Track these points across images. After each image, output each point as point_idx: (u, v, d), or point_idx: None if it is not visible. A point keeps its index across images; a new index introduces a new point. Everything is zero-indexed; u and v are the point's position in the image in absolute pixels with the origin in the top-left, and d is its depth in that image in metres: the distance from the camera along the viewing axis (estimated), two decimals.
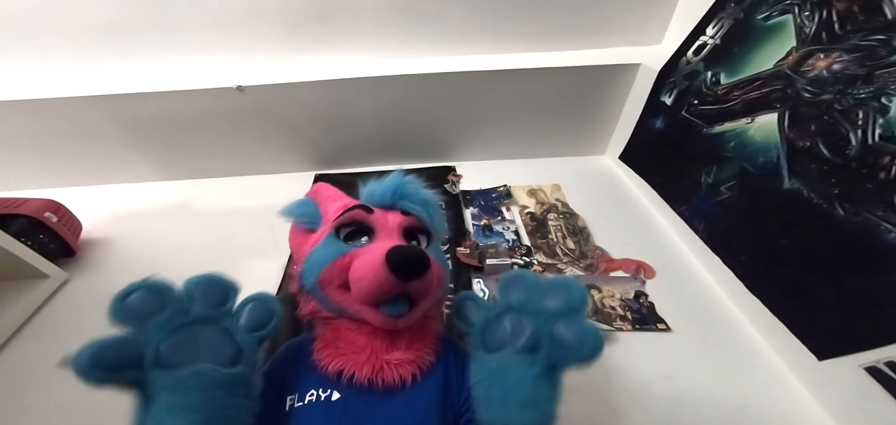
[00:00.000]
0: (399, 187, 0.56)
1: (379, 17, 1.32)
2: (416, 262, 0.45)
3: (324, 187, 0.63)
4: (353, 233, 0.52)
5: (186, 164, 1.55)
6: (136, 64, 1.35)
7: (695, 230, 1.14)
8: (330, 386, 0.46)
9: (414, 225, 0.55)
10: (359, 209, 0.53)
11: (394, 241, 0.49)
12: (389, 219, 0.54)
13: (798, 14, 0.91)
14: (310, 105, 1.40)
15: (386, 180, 0.57)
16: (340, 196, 0.59)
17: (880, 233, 0.71)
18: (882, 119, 0.73)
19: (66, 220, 1.20)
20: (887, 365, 0.70)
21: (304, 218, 0.58)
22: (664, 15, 1.39)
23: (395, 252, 0.44)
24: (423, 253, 0.46)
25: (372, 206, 0.55)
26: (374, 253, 0.45)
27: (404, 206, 0.56)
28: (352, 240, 0.52)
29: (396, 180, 0.57)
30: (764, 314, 0.92)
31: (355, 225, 0.52)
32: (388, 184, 0.56)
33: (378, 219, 0.53)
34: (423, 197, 0.57)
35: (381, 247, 0.46)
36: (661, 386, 0.86)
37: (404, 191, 0.56)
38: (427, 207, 0.57)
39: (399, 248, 0.45)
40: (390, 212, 0.55)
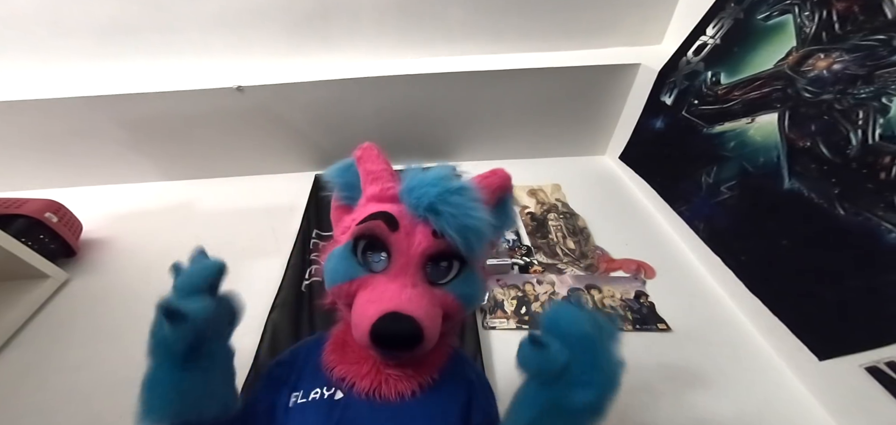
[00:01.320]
0: (437, 199, 0.43)
1: (379, 16, 1.32)
2: (403, 343, 0.40)
3: (369, 153, 0.51)
4: (373, 245, 0.45)
5: (187, 165, 1.55)
6: (136, 64, 1.35)
7: (695, 230, 1.14)
8: (333, 386, 0.45)
9: (444, 251, 0.44)
10: (381, 220, 0.44)
11: (406, 282, 0.42)
12: (415, 240, 0.44)
13: (798, 14, 0.91)
14: (310, 105, 1.40)
15: (426, 179, 0.45)
16: (379, 177, 0.49)
17: (881, 232, 0.71)
18: (882, 119, 0.73)
19: (67, 220, 1.20)
20: (888, 365, 0.70)
21: (343, 190, 0.52)
22: (664, 15, 1.39)
23: (380, 327, 0.38)
24: (412, 330, 0.39)
25: (402, 211, 0.45)
26: (369, 307, 0.40)
27: (439, 226, 0.43)
28: (371, 253, 0.45)
29: (436, 185, 0.44)
30: (764, 314, 0.92)
31: (373, 240, 0.45)
32: (425, 189, 0.44)
33: (400, 241, 0.44)
34: (464, 222, 0.43)
35: (378, 301, 0.40)
36: (661, 386, 0.86)
37: (442, 207, 0.43)
38: (467, 234, 0.43)
39: (386, 322, 0.39)
40: (419, 225, 0.44)
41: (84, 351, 0.96)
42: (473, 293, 0.48)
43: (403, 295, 0.41)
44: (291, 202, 1.41)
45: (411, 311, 0.39)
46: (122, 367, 0.92)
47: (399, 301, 0.40)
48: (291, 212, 1.37)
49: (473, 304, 0.49)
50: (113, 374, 0.90)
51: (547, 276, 1.13)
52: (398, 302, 0.40)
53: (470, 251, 0.44)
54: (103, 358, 0.94)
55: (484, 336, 0.97)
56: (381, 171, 0.49)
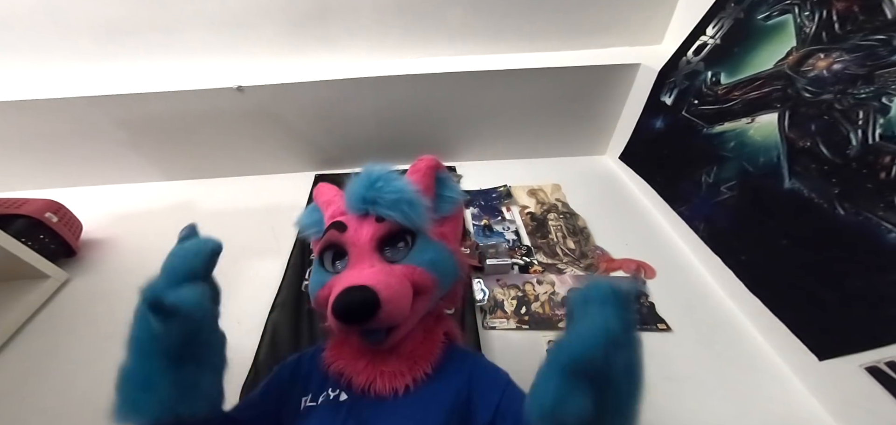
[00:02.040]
0: (366, 192, 0.50)
1: (379, 16, 1.32)
2: (359, 310, 0.42)
3: (322, 190, 0.61)
4: (338, 254, 0.51)
5: (187, 165, 1.55)
6: (136, 64, 1.35)
7: (695, 230, 1.14)
8: (339, 388, 0.49)
9: (390, 231, 0.50)
10: (333, 229, 0.51)
11: (364, 266, 0.47)
12: (362, 233, 0.49)
13: (798, 14, 0.91)
14: (310, 105, 1.40)
15: (356, 181, 0.52)
16: (332, 200, 0.57)
17: (881, 232, 0.71)
18: (882, 119, 0.73)
19: (67, 221, 1.20)
20: (888, 365, 0.70)
21: (313, 227, 0.58)
22: (664, 15, 1.39)
23: (337, 302, 0.42)
24: (365, 297, 0.42)
25: (349, 217, 0.51)
26: (330, 295, 0.45)
27: (377, 212, 0.49)
28: (338, 261, 0.51)
29: (363, 183, 0.50)
30: (764, 314, 0.92)
31: (333, 248, 0.51)
32: (356, 189, 0.51)
33: (350, 237, 0.49)
34: (393, 197, 0.49)
35: (336, 287, 0.44)
36: (661, 387, 0.86)
37: (372, 195, 0.49)
38: (400, 206, 0.49)
39: (340, 297, 0.42)
40: (365, 220, 0.50)
41: (84, 351, 0.96)
42: (436, 258, 0.51)
43: (357, 275, 0.45)
44: (291, 202, 1.41)
45: (363, 281, 0.43)
46: None
47: (352, 280, 0.44)
48: (291, 212, 1.34)
49: (443, 271, 0.51)
50: (113, 374, 0.90)
51: (547, 276, 1.13)
52: (351, 280, 0.44)
53: (411, 220, 0.50)
54: (103, 358, 0.93)
55: (484, 336, 0.97)
56: (332, 197, 0.58)
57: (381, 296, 0.42)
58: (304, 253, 1.21)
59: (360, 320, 0.43)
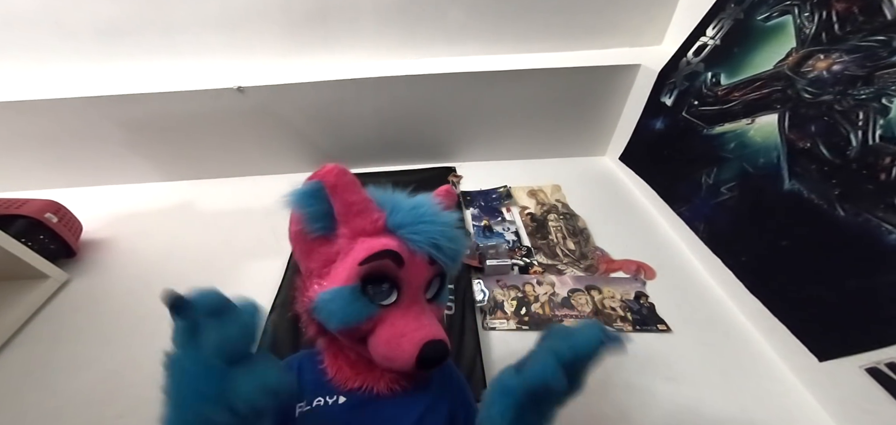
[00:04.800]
0: (442, 240, 0.49)
1: (379, 17, 1.32)
2: (442, 358, 0.46)
3: (343, 181, 0.48)
4: (376, 280, 0.47)
5: (187, 165, 1.55)
6: (136, 64, 1.35)
7: (695, 231, 1.14)
8: (335, 393, 0.49)
9: (437, 275, 0.52)
10: (389, 259, 0.46)
11: (418, 310, 0.49)
12: (419, 272, 0.49)
13: (798, 15, 0.91)
14: (310, 106, 1.40)
15: (421, 215, 0.49)
16: (363, 209, 0.48)
17: (881, 233, 0.71)
18: (882, 120, 0.73)
19: (67, 221, 1.20)
20: (888, 366, 0.70)
21: (315, 221, 0.49)
22: (664, 16, 1.39)
23: (425, 355, 0.44)
24: (446, 349, 0.47)
25: (401, 249, 0.47)
26: (404, 343, 0.45)
27: (440, 259, 0.50)
28: (373, 287, 0.47)
29: (435, 224, 0.49)
30: (764, 315, 0.92)
31: (383, 279, 0.48)
32: (426, 227, 0.48)
33: (407, 275, 0.48)
34: (458, 250, 0.52)
35: (412, 333, 0.46)
36: (661, 388, 0.86)
37: (444, 243, 0.49)
38: (457, 259, 0.53)
39: (428, 350, 0.45)
40: (416, 255, 0.48)
41: (84, 352, 0.96)
42: (446, 295, 0.58)
43: (425, 324, 0.47)
44: None
45: (439, 335, 0.47)
46: (122, 367, 0.92)
47: (426, 331, 0.46)
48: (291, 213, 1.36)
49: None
50: (113, 374, 0.90)
51: (547, 277, 1.13)
52: (426, 332, 0.46)
53: (454, 270, 0.55)
54: (103, 359, 0.94)
55: (484, 336, 0.97)
56: (364, 203, 0.48)
57: (450, 349, 0.47)
58: None
59: (434, 366, 0.47)
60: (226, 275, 1.14)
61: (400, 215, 0.49)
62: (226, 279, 1.12)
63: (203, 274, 1.15)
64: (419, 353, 0.44)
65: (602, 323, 0.44)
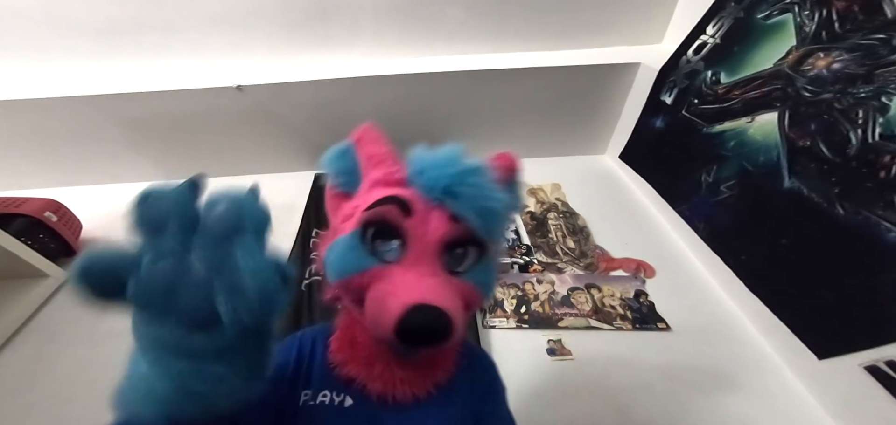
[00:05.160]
0: (454, 182, 0.40)
1: (378, 16, 1.32)
2: (432, 336, 0.35)
3: (368, 136, 0.47)
4: (383, 233, 0.41)
5: (186, 164, 1.55)
6: (136, 63, 1.35)
7: (695, 229, 1.14)
8: (343, 390, 0.43)
9: (461, 236, 0.40)
10: (393, 205, 0.40)
11: (424, 271, 0.38)
12: (431, 225, 0.40)
13: (798, 13, 0.90)
14: (309, 104, 1.40)
15: (439, 160, 0.41)
16: (382, 160, 0.45)
17: (880, 232, 0.71)
18: (882, 118, 0.73)
19: (66, 220, 1.20)
20: (887, 364, 0.70)
21: (340, 176, 0.47)
22: (664, 14, 1.39)
23: (409, 321, 0.34)
24: (442, 323, 0.35)
25: (414, 196, 0.40)
26: (390, 300, 0.36)
27: (458, 211, 0.39)
28: (381, 242, 0.40)
29: (452, 169, 0.40)
30: (764, 313, 0.92)
31: (384, 227, 0.40)
32: (441, 170, 0.40)
33: (415, 225, 0.39)
34: (485, 205, 0.40)
35: (399, 293, 0.36)
36: (661, 386, 0.86)
37: (461, 190, 0.39)
38: (488, 217, 0.40)
39: (414, 315, 0.34)
40: (435, 209, 0.40)
41: (83, 350, 0.96)
42: (491, 281, 0.44)
43: (425, 285, 0.37)
44: (291, 201, 1.41)
45: (439, 302, 0.35)
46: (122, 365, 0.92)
47: (423, 292, 0.36)
48: (291, 212, 1.37)
49: (490, 294, 0.45)
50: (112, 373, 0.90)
51: (546, 275, 1.13)
52: (422, 293, 0.36)
53: (489, 235, 0.41)
54: (103, 357, 0.94)
55: (484, 335, 0.97)
56: (385, 154, 0.45)
57: (454, 324, 0.35)
58: (305, 252, 1.21)
59: (429, 346, 0.36)
60: None
61: (418, 163, 0.42)
62: None
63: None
64: (399, 317, 0.34)
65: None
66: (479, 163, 0.42)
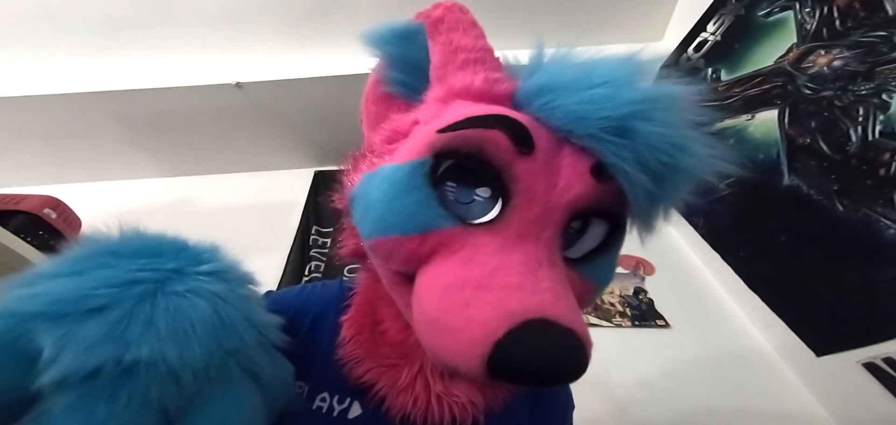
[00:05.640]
0: (630, 115, 0.23)
1: (378, 13, 1.32)
2: (556, 377, 0.21)
3: (456, 17, 0.32)
4: (466, 175, 0.25)
5: (186, 161, 1.55)
6: (135, 60, 1.35)
7: (694, 226, 1.14)
8: (350, 393, 0.31)
9: (607, 206, 0.26)
10: (502, 129, 0.24)
11: (539, 255, 0.23)
12: (561, 175, 0.24)
13: (799, 10, 0.90)
14: (309, 102, 1.39)
15: (595, 73, 0.25)
16: (480, 59, 0.29)
17: (879, 229, 0.71)
18: (882, 115, 0.73)
19: (66, 217, 1.20)
20: (885, 361, 0.70)
21: (396, 68, 0.32)
22: (665, 11, 1.38)
23: (519, 351, 0.19)
24: (579, 358, 0.21)
25: (533, 123, 0.25)
26: (480, 302, 0.21)
27: (613, 162, 0.23)
28: (460, 189, 0.25)
29: (629, 90, 0.24)
30: (763, 310, 0.92)
31: (480, 165, 0.24)
32: (605, 91, 0.24)
33: (533, 172, 0.24)
34: (668, 158, 0.23)
35: (504, 291, 0.21)
36: (660, 383, 0.86)
37: (638, 126, 0.23)
38: (663, 180, 0.23)
39: (530, 338, 0.19)
40: (565, 149, 0.25)
41: None
42: (610, 277, 0.30)
43: (544, 286, 0.22)
44: (291, 198, 1.41)
45: (570, 322, 0.20)
46: None
47: (545, 298, 0.21)
48: (291, 209, 1.36)
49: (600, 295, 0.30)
50: None
51: None
52: (542, 300, 0.21)
53: (652, 211, 0.27)
54: None
55: None
56: (482, 49, 0.30)
57: (588, 357, 0.21)
58: (304, 249, 1.21)
59: (548, 385, 0.21)
60: None
61: (545, 76, 0.26)
62: None
63: None
64: (499, 342, 0.19)
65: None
66: (674, 88, 0.26)
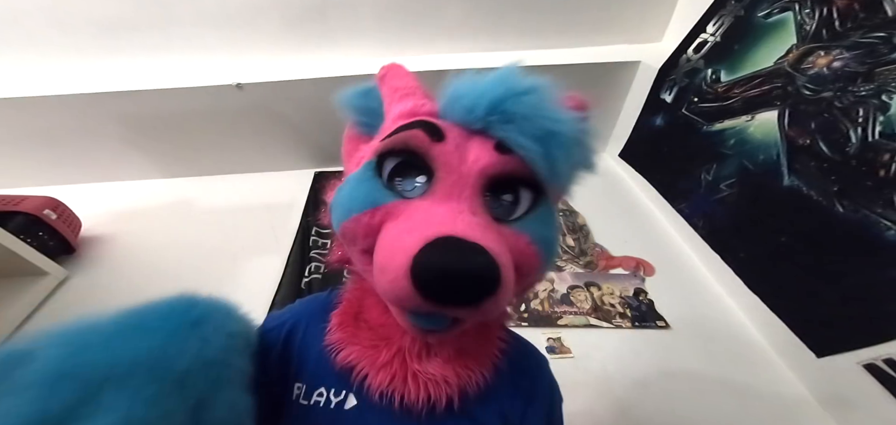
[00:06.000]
0: (504, 101, 0.30)
1: (379, 13, 1.32)
2: (466, 282, 0.24)
3: (395, 71, 0.39)
4: (405, 167, 0.32)
5: (186, 162, 1.55)
6: (135, 61, 1.35)
7: (694, 227, 1.14)
8: (345, 386, 0.34)
9: (512, 173, 0.30)
10: (419, 128, 0.31)
11: (460, 206, 0.28)
12: (472, 156, 0.30)
13: (798, 11, 0.90)
14: (309, 102, 1.39)
15: (483, 82, 0.31)
16: (410, 93, 0.36)
17: (879, 230, 0.71)
18: (882, 116, 0.73)
19: (66, 218, 1.20)
20: (886, 362, 0.70)
21: (361, 115, 0.39)
22: (665, 12, 1.39)
23: (433, 257, 0.24)
24: (486, 267, 0.24)
25: (447, 125, 0.32)
26: (405, 237, 0.26)
27: (507, 137, 0.30)
28: (402, 178, 0.32)
29: (502, 84, 0.31)
30: (763, 311, 0.92)
31: (408, 155, 0.31)
32: (485, 88, 0.31)
33: (447, 152, 0.30)
34: (546, 127, 0.29)
35: (420, 227, 0.26)
36: (660, 384, 0.86)
37: (513, 109, 0.30)
38: (549, 147, 0.29)
39: (441, 250, 0.24)
40: (475, 138, 0.31)
41: None
42: (552, 236, 0.33)
43: (459, 219, 0.27)
44: (291, 199, 1.41)
45: (482, 239, 0.25)
46: None
47: (454, 224, 0.26)
48: (291, 210, 1.36)
49: (551, 254, 0.33)
50: None
51: None
52: (453, 225, 0.26)
53: (554, 172, 0.30)
54: None
55: None
56: (412, 87, 0.37)
57: (503, 273, 0.25)
58: (304, 249, 1.21)
59: (463, 301, 0.25)
60: (225, 273, 1.14)
61: (454, 90, 0.32)
62: (225, 277, 1.12)
63: (202, 271, 1.15)
64: (416, 254, 0.24)
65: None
66: (539, 81, 0.32)
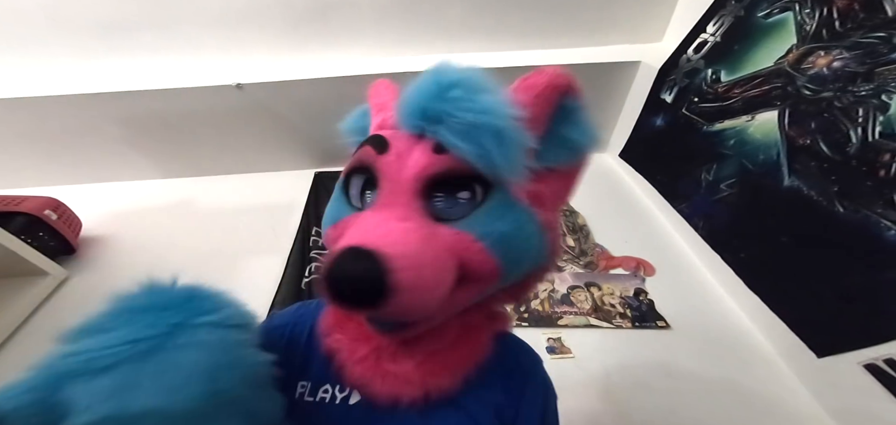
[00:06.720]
0: (431, 102, 0.31)
1: (379, 14, 1.32)
2: (356, 292, 0.26)
3: (376, 88, 0.42)
4: (367, 182, 0.35)
5: (186, 162, 1.55)
6: (136, 61, 1.35)
7: (694, 228, 1.14)
8: (349, 384, 0.36)
9: (451, 170, 0.31)
10: (368, 146, 0.34)
11: (390, 214, 0.30)
12: (407, 163, 0.32)
13: (798, 11, 0.90)
14: (310, 103, 1.39)
15: (418, 85, 0.33)
16: (382, 108, 0.39)
17: (880, 230, 0.71)
18: (882, 116, 0.73)
19: (66, 218, 1.20)
20: (886, 362, 0.70)
21: (356, 135, 0.42)
22: (665, 12, 1.39)
23: (331, 267, 0.26)
24: (368, 273, 0.25)
25: (398, 135, 0.33)
26: (334, 251, 0.27)
27: (439, 137, 0.31)
28: (371, 191, 0.34)
29: (430, 88, 0.32)
30: (763, 311, 0.92)
31: (363, 172, 0.34)
32: (416, 96, 0.33)
33: (387, 163, 0.32)
34: (471, 119, 0.30)
35: (346, 240, 0.28)
36: (660, 384, 0.86)
37: (439, 109, 0.31)
38: (478, 136, 0.30)
39: (339, 263, 0.26)
40: (418, 143, 0.32)
41: None
42: (511, 232, 0.32)
43: (377, 229, 0.28)
44: (291, 199, 1.41)
45: (377, 244, 0.26)
46: None
47: (365, 234, 0.27)
48: (291, 210, 1.36)
49: (516, 252, 0.33)
50: None
51: None
52: (363, 235, 0.27)
53: (491, 163, 0.30)
54: None
55: None
56: (384, 103, 0.39)
57: (398, 277, 0.25)
58: (304, 250, 1.21)
59: (358, 304, 0.26)
60: (225, 273, 1.14)
61: (403, 94, 0.35)
62: (224, 277, 1.12)
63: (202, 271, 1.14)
64: (327, 268, 0.26)
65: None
66: (470, 73, 0.33)
